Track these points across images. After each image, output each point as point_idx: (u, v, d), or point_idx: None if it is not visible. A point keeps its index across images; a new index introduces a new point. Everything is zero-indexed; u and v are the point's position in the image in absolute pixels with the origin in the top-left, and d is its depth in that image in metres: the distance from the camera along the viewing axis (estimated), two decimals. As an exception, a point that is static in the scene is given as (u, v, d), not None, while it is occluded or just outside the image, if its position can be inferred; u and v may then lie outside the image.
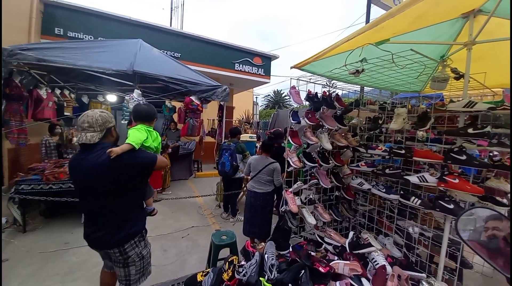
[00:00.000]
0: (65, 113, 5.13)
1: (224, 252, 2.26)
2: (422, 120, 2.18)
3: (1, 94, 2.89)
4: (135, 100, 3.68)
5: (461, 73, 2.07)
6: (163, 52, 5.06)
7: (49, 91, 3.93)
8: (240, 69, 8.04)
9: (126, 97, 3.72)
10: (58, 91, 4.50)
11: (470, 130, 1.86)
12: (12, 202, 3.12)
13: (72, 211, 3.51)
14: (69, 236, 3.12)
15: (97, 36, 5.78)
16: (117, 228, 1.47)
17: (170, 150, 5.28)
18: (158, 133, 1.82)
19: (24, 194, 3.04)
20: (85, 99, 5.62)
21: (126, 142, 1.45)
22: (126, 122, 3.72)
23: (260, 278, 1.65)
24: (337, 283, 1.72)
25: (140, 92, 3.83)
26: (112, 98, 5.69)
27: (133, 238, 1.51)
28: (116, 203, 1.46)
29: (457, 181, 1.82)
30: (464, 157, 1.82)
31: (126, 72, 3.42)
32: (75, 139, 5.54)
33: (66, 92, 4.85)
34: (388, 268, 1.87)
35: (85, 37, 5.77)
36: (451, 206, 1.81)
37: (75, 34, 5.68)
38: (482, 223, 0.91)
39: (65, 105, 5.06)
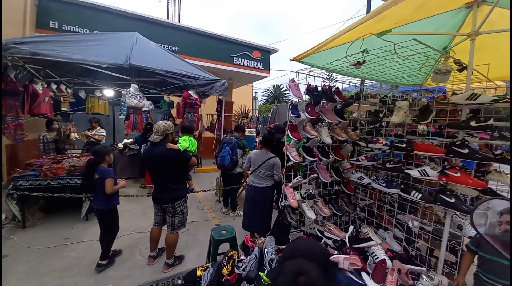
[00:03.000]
0: (62, 109, 5.07)
1: (224, 247, 2.26)
2: (423, 113, 2.15)
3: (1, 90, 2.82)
4: (132, 95, 3.63)
5: (464, 65, 2.03)
6: (161, 45, 4.96)
7: (45, 86, 3.86)
8: (239, 63, 7.91)
9: (123, 92, 3.66)
10: (54, 86, 4.43)
11: (473, 123, 1.83)
12: (11, 198, 3.10)
13: (72, 206, 3.48)
14: (68, 231, 3.12)
15: (92, 29, 5.65)
16: (170, 191, 2.37)
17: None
18: (196, 141, 2.84)
19: (22, 190, 3.02)
20: (82, 94, 5.56)
21: (178, 145, 2.36)
22: (123, 117, 3.66)
23: (260, 273, 1.64)
24: (337, 277, 1.71)
25: (137, 87, 3.77)
26: (109, 93, 5.61)
27: (179, 199, 2.42)
28: (170, 178, 2.38)
29: (458, 175, 1.80)
30: (466, 151, 1.80)
31: (122, 66, 3.34)
32: (72, 134, 5.50)
33: (63, 87, 4.77)
34: (388, 262, 1.86)
35: (80, 30, 5.64)
36: (452, 200, 1.79)
37: (70, 28, 5.55)
38: (497, 217, 0.88)
39: (62, 100, 5.00)
